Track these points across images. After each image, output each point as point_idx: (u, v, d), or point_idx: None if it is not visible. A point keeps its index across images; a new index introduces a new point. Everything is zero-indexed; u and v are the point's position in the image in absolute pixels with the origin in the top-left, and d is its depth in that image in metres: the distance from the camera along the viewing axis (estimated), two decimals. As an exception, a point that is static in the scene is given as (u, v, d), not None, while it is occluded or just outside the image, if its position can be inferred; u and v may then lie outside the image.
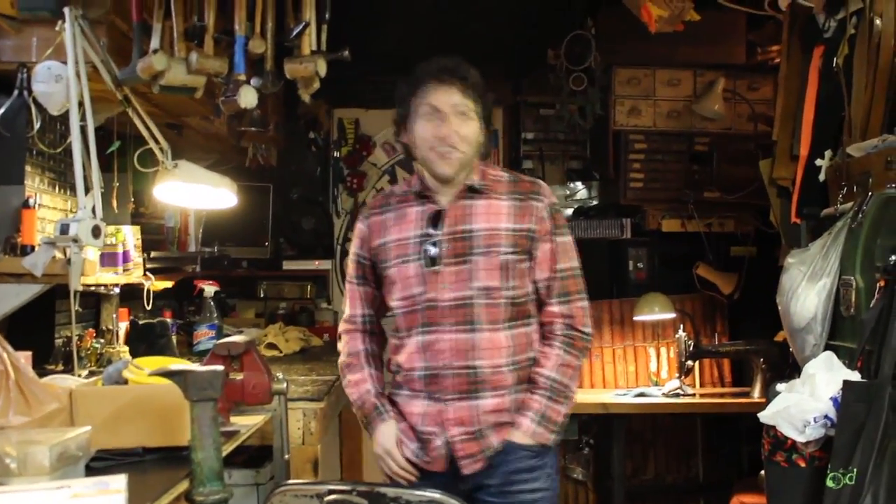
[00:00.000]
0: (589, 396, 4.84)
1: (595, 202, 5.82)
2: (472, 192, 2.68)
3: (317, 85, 3.29)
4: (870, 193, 2.60)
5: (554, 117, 5.61)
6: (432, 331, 2.61)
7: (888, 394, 2.30)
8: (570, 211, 5.78)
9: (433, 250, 2.62)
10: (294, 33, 3.21)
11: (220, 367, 2.21)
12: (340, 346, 2.83)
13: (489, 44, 5.21)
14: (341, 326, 2.85)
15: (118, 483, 1.67)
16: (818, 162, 3.10)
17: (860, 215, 2.58)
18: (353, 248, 2.82)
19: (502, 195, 2.70)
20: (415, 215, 2.69)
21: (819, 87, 3.24)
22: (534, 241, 2.67)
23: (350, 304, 2.82)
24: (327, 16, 3.29)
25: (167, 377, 2.22)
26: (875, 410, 2.29)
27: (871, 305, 2.47)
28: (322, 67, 3.22)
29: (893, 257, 2.42)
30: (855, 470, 2.26)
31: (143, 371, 2.59)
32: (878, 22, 2.81)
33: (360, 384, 2.73)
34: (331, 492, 1.78)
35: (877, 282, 2.48)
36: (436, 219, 2.66)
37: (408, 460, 2.64)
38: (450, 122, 2.60)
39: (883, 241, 2.50)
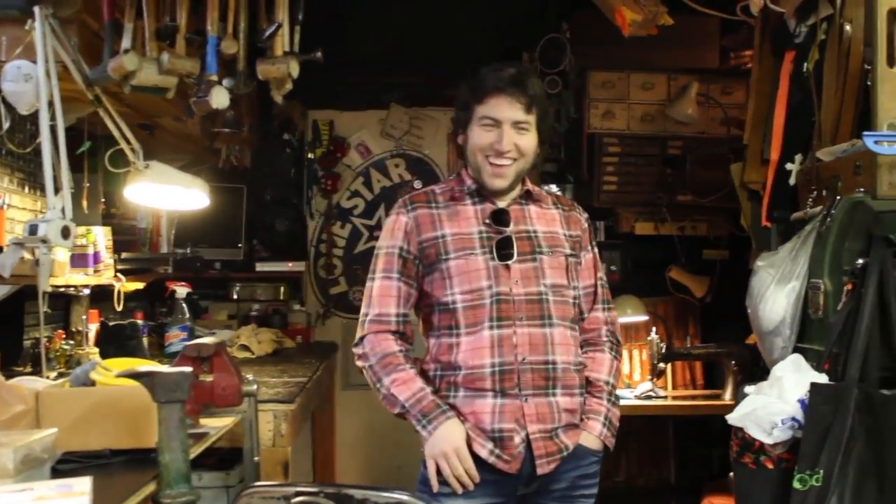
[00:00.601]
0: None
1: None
2: (525, 198, 2.74)
3: (289, 86, 3.27)
4: (838, 197, 2.62)
5: (529, 120, 5.60)
6: (506, 325, 2.57)
7: (854, 396, 2.32)
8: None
9: (505, 245, 2.62)
10: (266, 34, 3.19)
11: (188, 369, 2.20)
12: (362, 349, 2.68)
13: (464, 47, 5.21)
14: (367, 327, 2.68)
15: (82, 486, 1.66)
16: (788, 166, 3.12)
17: (829, 219, 2.59)
18: (390, 241, 2.71)
19: (549, 205, 2.79)
20: (472, 212, 2.69)
21: (790, 92, 3.26)
22: (581, 248, 2.79)
23: (379, 302, 2.68)
24: (300, 17, 3.27)
25: (135, 379, 2.21)
26: (841, 412, 2.31)
27: (839, 308, 2.49)
28: (294, 69, 3.20)
29: (861, 261, 2.44)
30: (821, 471, 2.28)
31: (111, 373, 2.57)
32: (847, 28, 2.83)
33: (409, 382, 2.60)
34: (298, 494, 1.78)
35: (844, 285, 2.50)
36: (498, 217, 2.67)
37: (476, 462, 2.55)
38: (510, 136, 2.59)
39: (850, 244, 2.52)
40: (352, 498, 1.72)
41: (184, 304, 4.42)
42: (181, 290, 4.44)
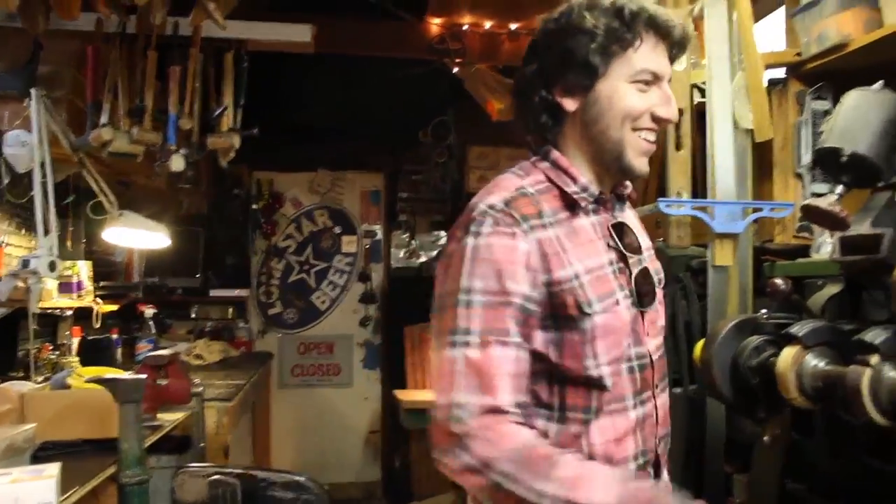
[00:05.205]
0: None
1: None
2: (620, 199, 1.46)
3: (233, 154, 3.28)
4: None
5: (423, 181, 5.68)
6: (647, 398, 1.38)
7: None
8: (434, 253, 5.82)
9: (645, 282, 1.40)
10: (215, 114, 3.20)
11: (143, 376, 2.17)
12: (473, 454, 1.20)
13: (378, 123, 5.24)
14: (478, 421, 1.21)
15: (51, 469, 1.61)
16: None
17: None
18: (499, 282, 1.25)
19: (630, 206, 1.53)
20: (592, 230, 1.36)
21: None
22: None
23: (486, 385, 1.22)
24: (242, 101, 3.29)
25: (101, 384, 2.16)
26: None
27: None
28: (237, 141, 3.22)
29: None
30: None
31: (83, 378, 2.51)
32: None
33: (597, 471, 1.22)
34: (215, 473, 1.75)
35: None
36: (621, 234, 1.39)
37: None
38: (673, 100, 1.36)
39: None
40: (255, 477, 1.71)
41: (151, 322, 4.32)
42: (149, 311, 4.34)
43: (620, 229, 1.39)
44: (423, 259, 5.79)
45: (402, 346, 4.98)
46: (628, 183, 1.44)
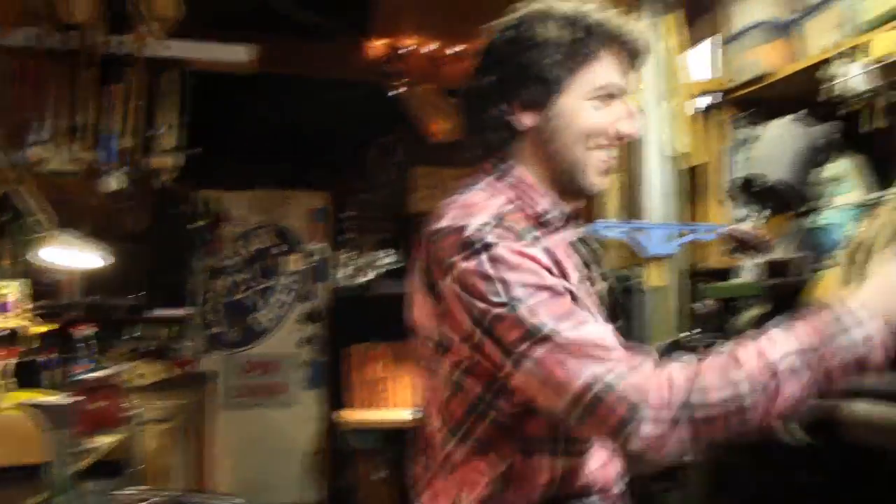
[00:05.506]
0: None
1: (401, 265, 5.88)
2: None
3: (174, 174, 3.25)
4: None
5: (369, 200, 5.69)
6: None
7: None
8: (376, 273, 5.81)
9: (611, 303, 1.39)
10: (157, 133, 3.17)
11: (72, 400, 2.13)
12: (653, 407, 1.00)
13: (323, 142, 5.23)
14: (621, 385, 1.01)
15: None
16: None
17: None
18: (539, 279, 1.09)
19: None
20: (566, 249, 1.26)
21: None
22: None
23: (601, 349, 1.05)
24: (185, 120, 3.27)
25: (31, 407, 2.11)
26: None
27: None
28: (179, 160, 3.19)
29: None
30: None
31: (10, 404, 2.45)
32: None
33: (763, 337, 1.05)
34: (148, 497, 1.73)
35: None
36: (581, 255, 1.31)
37: None
38: (635, 115, 1.27)
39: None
40: (190, 500, 1.69)
41: (91, 342, 4.24)
42: (88, 331, 4.26)
43: (579, 248, 1.31)
44: (369, 277, 5.78)
45: (348, 366, 4.96)
46: (581, 201, 1.30)
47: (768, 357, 1.01)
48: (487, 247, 1.10)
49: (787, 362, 1.01)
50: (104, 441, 2.67)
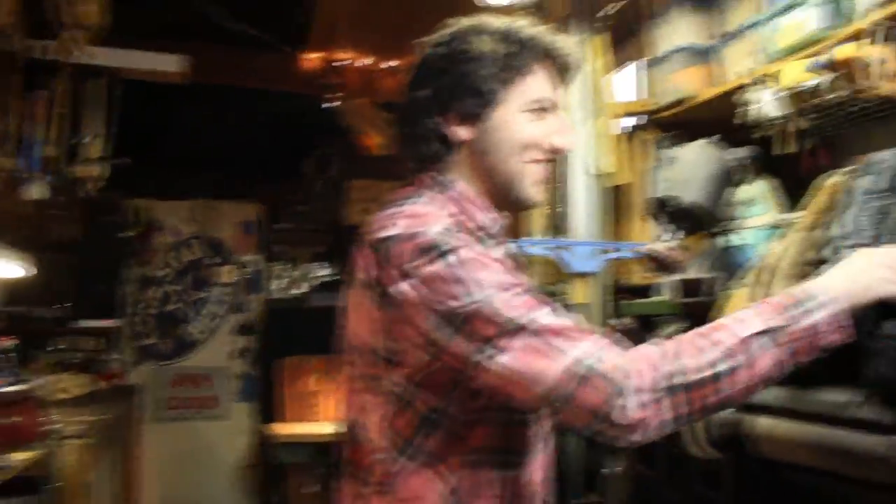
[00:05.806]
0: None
1: (336, 277, 5.85)
2: None
3: (101, 183, 3.19)
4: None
5: (305, 213, 5.66)
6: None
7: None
8: (317, 283, 5.78)
9: None
10: (83, 142, 3.11)
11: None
12: (632, 388, 1.01)
13: (258, 153, 5.19)
14: (601, 366, 1.02)
15: None
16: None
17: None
18: (506, 277, 1.10)
19: None
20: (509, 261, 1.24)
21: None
22: None
23: (576, 332, 1.05)
24: (113, 129, 3.22)
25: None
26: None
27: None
28: (105, 170, 3.13)
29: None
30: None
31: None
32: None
33: (733, 316, 1.10)
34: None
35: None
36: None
37: None
38: (570, 128, 1.33)
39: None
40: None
41: (10, 354, 4.11)
42: (8, 343, 4.13)
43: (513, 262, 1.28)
44: (303, 290, 5.73)
45: (280, 378, 4.91)
46: (518, 213, 1.32)
47: (740, 335, 1.05)
48: (454, 250, 1.10)
49: (758, 341, 1.05)
50: (19, 458, 2.59)
